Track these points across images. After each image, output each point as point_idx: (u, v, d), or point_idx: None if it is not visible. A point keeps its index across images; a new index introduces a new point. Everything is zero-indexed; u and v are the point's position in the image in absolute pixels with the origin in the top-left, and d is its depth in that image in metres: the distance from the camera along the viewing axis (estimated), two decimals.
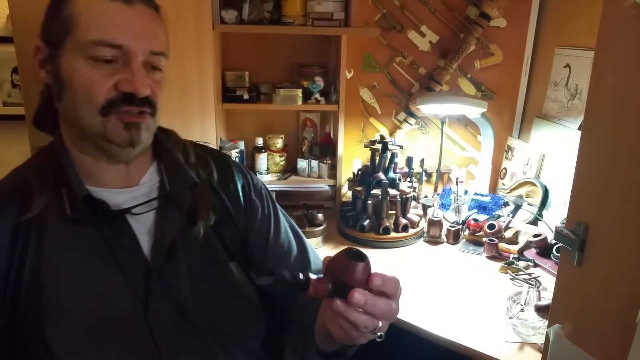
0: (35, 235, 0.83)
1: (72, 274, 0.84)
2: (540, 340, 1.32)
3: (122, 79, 0.81)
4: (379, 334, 0.73)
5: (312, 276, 0.71)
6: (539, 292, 1.52)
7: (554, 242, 1.75)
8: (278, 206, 1.08)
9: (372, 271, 0.73)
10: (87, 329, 0.83)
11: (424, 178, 2.24)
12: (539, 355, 1.27)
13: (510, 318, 1.42)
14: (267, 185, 1.08)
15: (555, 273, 1.61)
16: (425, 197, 2.23)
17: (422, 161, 2.17)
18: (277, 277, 0.70)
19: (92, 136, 0.83)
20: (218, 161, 1.02)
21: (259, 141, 2.14)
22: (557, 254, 1.68)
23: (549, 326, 1.04)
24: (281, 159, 2.22)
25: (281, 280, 0.70)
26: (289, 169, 2.25)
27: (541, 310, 1.38)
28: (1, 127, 1.94)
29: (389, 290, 0.73)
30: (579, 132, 1.78)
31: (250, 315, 0.98)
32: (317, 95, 2.05)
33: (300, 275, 0.71)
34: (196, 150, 1.01)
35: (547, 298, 1.48)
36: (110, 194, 0.89)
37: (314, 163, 2.17)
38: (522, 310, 1.45)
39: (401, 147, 2.01)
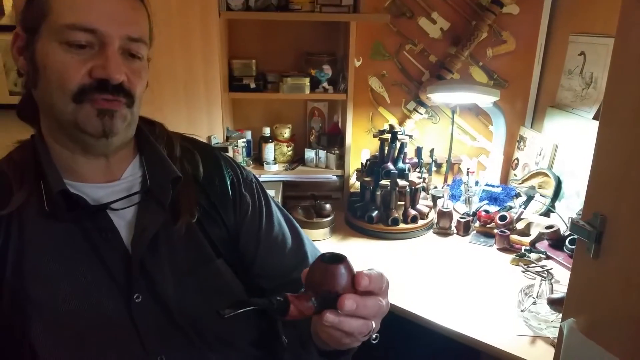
0: (15, 232, 0.81)
1: (54, 271, 0.82)
2: (552, 334, 1.30)
3: (96, 65, 0.77)
4: (373, 335, 0.70)
5: (291, 294, 0.67)
6: (551, 284, 1.50)
7: (566, 233, 1.73)
8: (271, 198, 1.05)
9: (355, 270, 0.68)
10: (70, 328, 0.81)
11: (434, 168, 2.21)
12: (552, 350, 1.25)
13: (522, 311, 1.40)
14: (274, 176, 1.05)
15: (568, 265, 1.64)
16: (435, 188, 2.21)
17: (431, 151, 2.14)
18: (250, 305, 0.65)
19: (65, 125, 0.80)
20: (205, 155, 0.99)
21: (266, 131, 2.11)
22: (570, 246, 1.66)
23: (563, 320, 1.01)
24: (288, 149, 2.19)
25: (254, 308, 0.65)
26: (297, 159, 2.23)
27: (554, 303, 1.35)
28: (8, 115, 1.92)
29: (375, 288, 0.68)
30: (594, 121, 1.78)
31: (238, 315, 0.96)
32: (325, 84, 2.02)
33: (278, 297, 0.66)
34: (182, 144, 0.97)
35: (560, 291, 1.46)
36: (91, 189, 0.86)
37: (322, 153, 2.15)
38: (534, 303, 1.43)
39: (411, 136, 1.98)
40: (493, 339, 1.30)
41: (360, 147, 2.23)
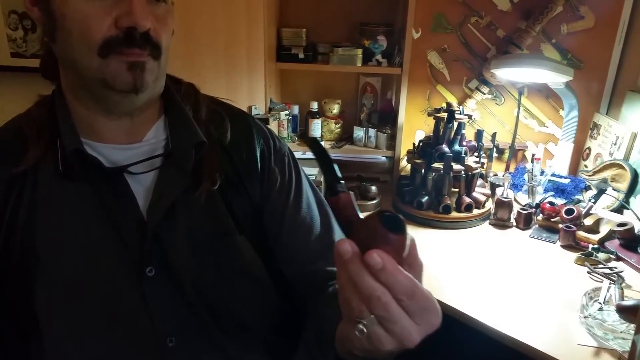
0: (29, 189, 0.78)
1: (64, 233, 0.78)
2: (620, 346, 1.16)
3: (121, 13, 0.70)
4: (363, 322, 0.52)
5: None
6: (621, 289, 1.34)
7: None
8: (306, 177, 0.97)
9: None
10: (75, 296, 0.77)
11: (495, 154, 2.08)
12: None
13: (585, 317, 1.24)
14: None
15: None
16: (495, 175, 2.08)
17: (493, 135, 1.99)
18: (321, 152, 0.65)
19: (91, 82, 0.74)
20: (236, 121, 0.92)
21: (314, 106, 2.05)
22: None
23: (637, 332, 0.86)
24: (337, 126, 2.12)
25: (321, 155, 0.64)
26: (345, 137, 2.15)
27: (624, 311, 1.19)
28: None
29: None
30: None
31: (258, 299, 0.89)
32: (379, 57, 1.93)
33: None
34: (211, 106, 0.91)
35: (631, 297, 1.30)
36: (110, 150, 0.81)
37: (372, 132, 2.05)
38: (600, 309, 1.28)
39: (470, 117, 1.83)
40: (550, 348, 1.17)
41: (414, 127, 2.12)
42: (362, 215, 0.56)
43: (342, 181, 0.60)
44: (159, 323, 0.80)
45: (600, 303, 1.29)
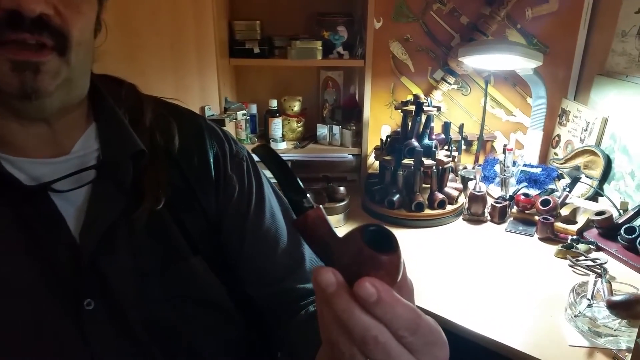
0: None
1: None
2: (614, 345, 1.09)
3: None
4: None
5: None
6: (609, 283, 1.27)
7: (621, 221, 1.52)
8: (267, 182, 0.87)
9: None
10: (7, 348, 0.65)
11: (463, 147, 2.01)
12: None
13: (576, 316, 1.17)
14: (281, 155, 0.82)
15: (625, 259, 1.43)
16: (465, 168, 2.01)
17: (461, 127, 1.92)
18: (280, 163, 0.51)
19: None
20: (185, 123, 0.80)
21: (273, 104, 1.95)
22: (627, 236, 1.46)
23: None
24: (299, 124, 2.03)
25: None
26: (308, 136, 2.06)
27: (615, 307, 1.13)
28: None
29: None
30: None
31: (220, 330, 0.78)
32: (340, 49, 1.84)
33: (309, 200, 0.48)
34: (157, 109, 0.78)
35: (620, 291, 1.24)
36: (30, 165, 0.67)
37: (336, 129, 1.97)
38: (589, 305, 1.20)
39: (438, 108, 1.75)
40: (540, 351, 1.10)
41: (380, 123, 2.05)
42: (339, 232, 0.45)
43: (307, 195, 0.48)
44: None
45: (588, 299, 1.22)
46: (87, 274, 0.67)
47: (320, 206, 0.46)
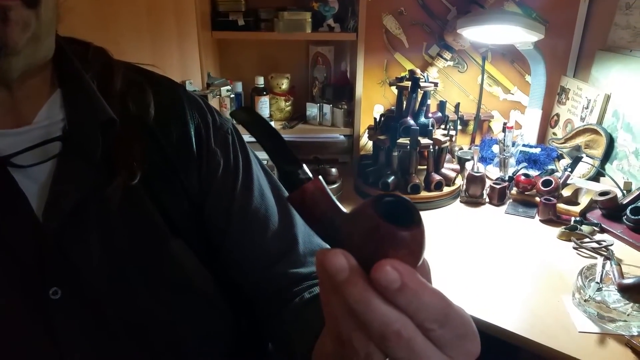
0: None
1: None
2: (627, 331, 1.04)
3: None
4: None
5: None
6: (619, 265, 1.21)
7: (626, 201, 1.47)
8: (255, 158, 0.79)
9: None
10: None
11: (459, 127, 1.96)
12: (628, 352, 1.00)
13: (585, 301, 1.11)
14: None
15: (631, 240, 1.38)
16: (461, 149, 1.94)
17: (457, 106, 1.85)
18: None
19: None
20: (162, 91, 0.72)
21: (260, 81, 1.89)
22: (633, 217, 1.41)
23: None
24: (287, 103, 1.98)
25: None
26: (297, 116, 2.01)
27: (628, 290, 1.08)
28: None
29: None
30: None
31: (204, 319, 0.71)
32: (331, 22, 1.77)
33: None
34: (129, 75, 0.70)
35: (629, 274, 1.18)
36: None
37: (327, 108, 1.91)
38: (599, 289, 1.14)
39: (436, 84, 1.68)
40: (549, 339, 1.04)
41: (373, 101, 1.99)
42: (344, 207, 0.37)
43: (302, 165, 0.40)
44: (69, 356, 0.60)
45: (597, 283, 1.16)
46: (52, 257, 0.59)
47: (319, 177, 0.38)
